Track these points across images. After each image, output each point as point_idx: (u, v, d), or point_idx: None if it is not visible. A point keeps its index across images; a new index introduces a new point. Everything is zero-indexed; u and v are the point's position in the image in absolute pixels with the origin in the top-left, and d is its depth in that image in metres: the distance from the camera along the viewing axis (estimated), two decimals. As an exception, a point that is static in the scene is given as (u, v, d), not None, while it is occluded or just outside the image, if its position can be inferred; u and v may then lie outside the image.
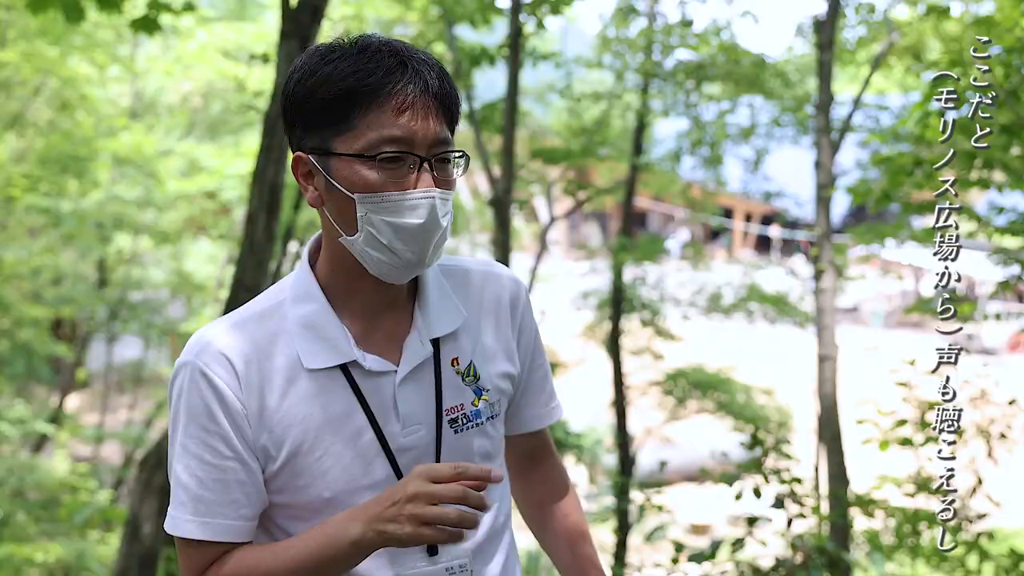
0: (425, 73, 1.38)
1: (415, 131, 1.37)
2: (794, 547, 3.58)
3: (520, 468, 1.74)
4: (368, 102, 1.36)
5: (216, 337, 1.43)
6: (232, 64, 10.80)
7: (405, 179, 1.37)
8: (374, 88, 1.36)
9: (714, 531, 11.72)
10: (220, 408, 1.40)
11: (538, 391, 1.67)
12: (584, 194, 11.27)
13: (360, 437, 1.44)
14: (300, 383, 1.43)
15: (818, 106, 7.49)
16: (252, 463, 1.42)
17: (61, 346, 13.23)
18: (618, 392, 10.62)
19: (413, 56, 1.39)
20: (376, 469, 1.45)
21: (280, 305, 1.47)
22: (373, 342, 1.47)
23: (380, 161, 1.36)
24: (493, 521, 1.56)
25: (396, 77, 1.36)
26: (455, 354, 1.52)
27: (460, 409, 1.50)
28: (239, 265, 4.83)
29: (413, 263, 1.40)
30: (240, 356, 1.42)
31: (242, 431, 1.41)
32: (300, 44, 4.72)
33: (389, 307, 1.49)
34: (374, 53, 1.37)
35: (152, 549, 5.73)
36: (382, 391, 1.45)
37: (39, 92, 11.32)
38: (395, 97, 1.36)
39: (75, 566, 9.36)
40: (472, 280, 1.58)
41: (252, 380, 1.41)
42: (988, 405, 4.37)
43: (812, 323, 9.05)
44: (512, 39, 7.48)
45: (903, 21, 8.85)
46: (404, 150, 1.37)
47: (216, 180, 11.19)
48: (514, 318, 1.60)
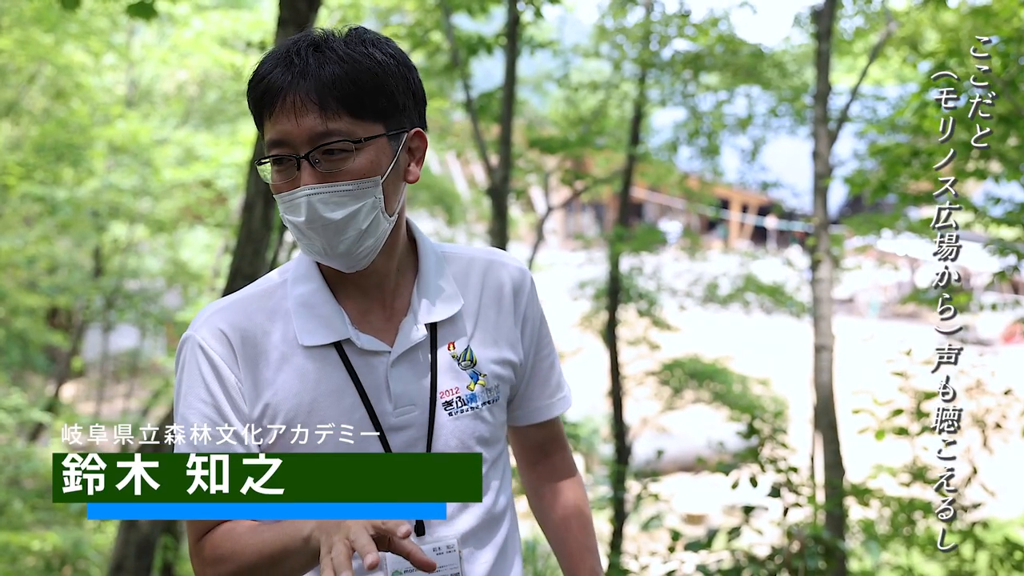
0: (314, 66, 1.38)
1: (289, 131, 1.39)
2: (790, 536, 3.60)
3: (529, 460, 1.75)
4: (263, 106, 1.41)
5: (217, 313, 1.49)
6: (228, 52, 10.76)
7: (292, 178, 1.40)
8: (263, 91, 1.40)
9: (710, 521, 11.77)
10: (216, 380, 1.46)
11: (544, 381, 1.67)
12: (581, 184, 11.27)
13: (352, 414, 1.47)
14: (295, 359, 1.47)
15: (815, 96, 7.49)
16: (245, 434, 1.46)
17: (57, 335, 13.21)
18: (614, 382, 10.64)
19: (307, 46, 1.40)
20: (367, 447, 1.47)
21: (282, 285, 1.53)
22: (369, 323, 1.51)
23: (272, 164, 1.42)
24: (491, 507, 1.57)
25: (275, 75, 1.39)
26: (452, 338, 1.54)
27: (455, 392, 1.52)
28: (236, 253, 4.83)
29: (329, 255, 1.43)
30: (237, 331, 1.47)
31: (236, 403, 1.46)
32: (297, 32, 4.70)
33: (382, 290, 1.52)
34: (279, 51, 1.41)
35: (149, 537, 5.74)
36: (375, 371, 1.49)
37: (34, 80, 11.28)
38: (276, 99, 1.39)
39: (72, 554, 9.37)
40: (475, 268, 1.60)
41: (248, 354, 1.47)
42: (983, 395, 4.38)
43: (808, 313, 9.07)
44: (510, 28, 7.46)
45: (900, 11, 8.85)
46: (283, 153, 1.40)
47: (212, 168, 11.16)
48: (517, 306, 1.61)
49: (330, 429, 1.46)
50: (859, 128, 9.66)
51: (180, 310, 13.37)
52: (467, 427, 1.53)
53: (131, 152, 11.34)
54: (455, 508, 1.53)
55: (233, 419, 1.45)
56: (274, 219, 4.71)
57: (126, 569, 5.67)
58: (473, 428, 1.54)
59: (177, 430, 1.47)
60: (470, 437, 1.53)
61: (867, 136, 9.11)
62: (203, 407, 1.45)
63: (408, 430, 1.49)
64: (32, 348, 12.66)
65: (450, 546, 1.51)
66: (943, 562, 4.52)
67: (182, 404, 1.47)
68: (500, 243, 7.46)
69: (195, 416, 1.45)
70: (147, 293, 13.85)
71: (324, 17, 10.11)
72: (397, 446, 1.48)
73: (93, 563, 9.53)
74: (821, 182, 7.29)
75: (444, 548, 1.51)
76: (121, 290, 13.28)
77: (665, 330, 11.26)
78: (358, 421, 1.47)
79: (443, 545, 1.51)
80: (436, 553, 1.50)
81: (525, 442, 1.72)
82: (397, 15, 10.15)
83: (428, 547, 1.50)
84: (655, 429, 12.26)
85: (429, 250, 1.57)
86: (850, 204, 19.85)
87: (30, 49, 10.15)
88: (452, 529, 1.52)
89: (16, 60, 10.42)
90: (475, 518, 1.55)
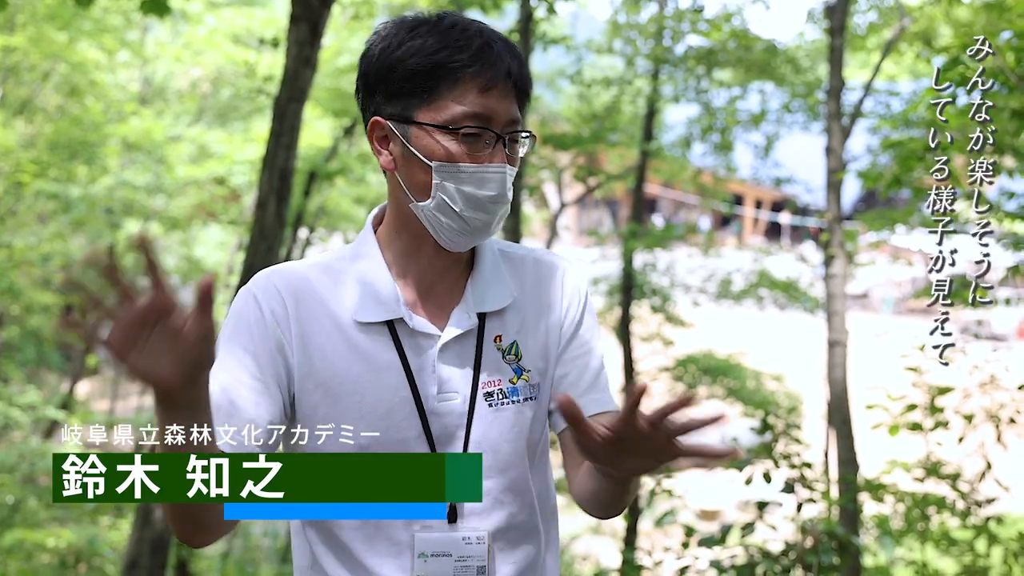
0: (507, 57, 1.47)
1: (495, 110, 1.45)
2: (804, 531, 3.59)
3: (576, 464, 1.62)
4: (456, 77, 1.44)
5: (277, 274, 1.54)
6: (242, 49, 10.79)
7: (481, 153, 1.46)
8: (463, 65, 1.44)
9: (724, 516, 11.75)
10: (260, 333, 1.49)
11: (584, 375, 1.62)
12: (594, 180, 11.26)
13: (396, 393, 1.49)
14: (348, 331, 1.50)
15: (828, 92, 7.46)
16: (277, 388, 1.48)
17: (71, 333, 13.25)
18: (628, 378, 10.63)
19: (498, 39, 1.48)
20: (407, 426, 1.49)
21: (341, 260, 1.56)
22: (422, 307, 1.54)
23: (462, 135, 1.44)
24: (527, 518, 1.56)
25: (484, 57, 1.44)
26: (499, 331, 1.56)
27: (497, 384, 1.53)
28: (249, 251, 4.85)
29: (480, 231, 1.48)
30: (293, 294, 1.51)
31: (275, 355, 1.48)
32: (310, 28, 4.71)
33: (442, 277, 1.55)
34: (462, 31, 1.46)
35: (164, 533, 5.77)
36: (424, 353, 1.51)
37: (48, 78, 11.33)
38: (481, 76, 1.44)
39: (87, 551, 9.43)
40: (529, 266, 1.62)
41: (301, 316, 1.50)
42: (997, 390, 4.36)
43: (822, 309, 9.04)
44: (523, 24, 7.46)
45: (914, 6, 8.80)
46: (484, 126, 1.45)
47: (226, 166, 11.19)
48: (568, 308, 1.62)
49: (373, 403, 1.47)
50: (872, 123, 9.62)
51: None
52: (507, 420, 1.54)
53: (145, 149, 11.38)
54: (490, 502, 1.52)
55: (270, 374, 1.47)
56: (287, 215, 4.73)
57: (141, 566, 5.71)
58: (513, 422, 1.54)
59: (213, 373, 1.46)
60: (509, 430, 1.54)
61: (880, 131, 9.06)
62: (242, 354, 1.48)
63: (449, 416, 1.51)
64: (46, 346, 12.73)
65: (480, 537, 1.51)
66: (957, 557, 4.50)
67: (223, 347, 1.48)
68: (514, 239, 7.47)
69: (234, 360, 1.47)
70: (161, 290, 13.86)
71: (337, 14, 10.13)
72: (437, 430, 1.50)
73: (108, 560, 9.58)
74: (834, 177, 7.27)
75: (474, 539, 1.51)
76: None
77: (679, 326, 11.25)
78: (401, 400, 1.49)
79: (473, 536, 1.51)
80: (466, 543, 1.50)
81: (569, 447, 1.60)
82: (410, 11, 10.15)
83: (458, 535, 1.50)
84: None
85: (488, 243, 1.59)
86: (864, 199, 19.77)
87: (44, 47, 10.19)
88: (485, 523, 1.52)
89: (30, 58, 10.46)
90: (508, 517, 1.54)
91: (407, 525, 1.50)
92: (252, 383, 1.47)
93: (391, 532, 1.49)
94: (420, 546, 1.49)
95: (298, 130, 4.85)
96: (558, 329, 1.61)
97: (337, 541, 1.51)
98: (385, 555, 1.50)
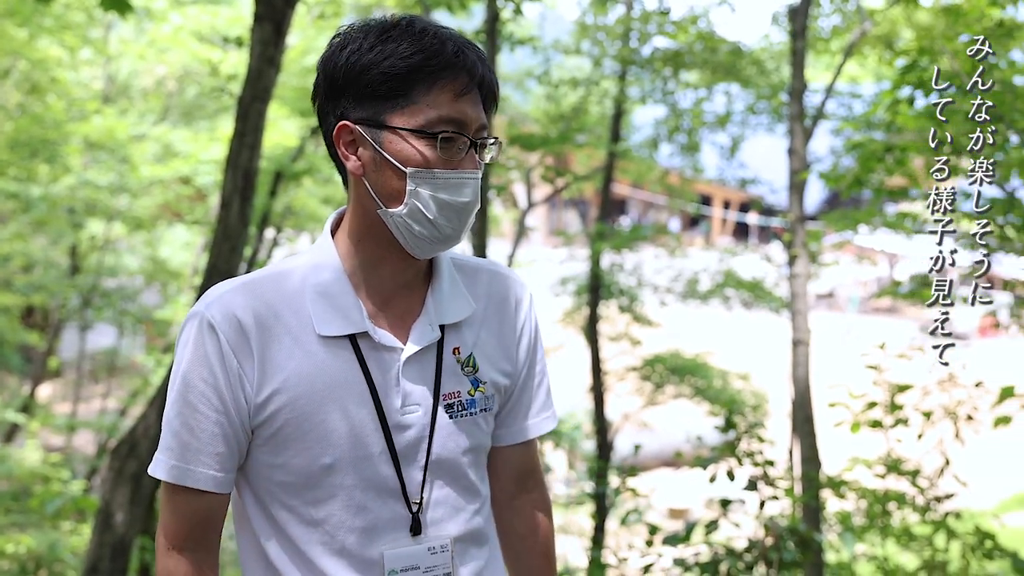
0: (479, 64, 1.46)
1: (468, 115, 1.45)
2: (767, 528, 3.63)
3: (508, 494, 1.71)
4: (431, 82, 1.42)
5: (229, 293, 1.47)
6: (208, 48, 10.68)
7: (455, 158, 1.45)
8: (438, 69, 1.42)
9: (691, 515, 11.82)
10: (220, 362, 1.44)
11: (533, 398, 1.68)
12: (562, 181, 11.27)
13: (360, 408, 1.48)
14: (309, 346, 1.47)
15: (791, 93, 7.53)
16: (239, 422, 1.46)
17: (32, 334, 13.08)
18: (596, 378, 10.67)
19: (469, 46, 1.47)
20: (372, 442, 1.48)
21: (297, 269, 1.52)
22: (383, 320, 1.52)
23: (440, 140, 1.43)
24: (482, 525, 1.60)
25: (457, 63, 1.44)
26: (457, 343, 1.56)
27: (457, 396, 1.54)
28: (212, 251, 4.81)
29: (450, 238, 1.47)
30: (249, 313, 1.46)
31: (236, 388, 1.45)
32: (274, 28, 4.68)
33: (404, 288, 1.54)
34: (435, 36, 1.45)
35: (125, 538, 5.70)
36: (387, 366, 1.50)
37: (8, 75, 11.15)
38: (456, 81, 1.43)
39: (47, 557, 9.27)
40: (481, 277, 1.63)
41: (259, 337, 1.45)
42: (956, 388, 4.43)
43: (787, 308, 9.13)
44: (489, 24, 7.46)
45: (876, 9, 8.91)
46: (458, 131, 1.44)
47: (191, 165, 11.08)
48: (517, 320, 1.64)
49: (337, 420, 1.46)
50: (835, 125, 9.72)
51: (158, 308, 13.28)
52: (465, 430, 1.55)
53: (108, 148, 11.24)
54: (448, 510, 1.54)
55: (230, 404, 1.45)
56: (251, 216, 4.69)
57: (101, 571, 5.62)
58: (469, 433, 1.56)
59: (172, 407, 1.47)
60: (467, 440, 1.55)
61: (843, 133, 9.16)
62: (204, 387, 1.44)
63: (411, 429, 1.51)
64: (7, 348, 12.54)
65: (444, 545, 1.53)
66: (917, 552, 4.56)
67: (181, 382, 1.45)
68: (480, 240, 7.46)
69: (195, 395, 1.45)
70: (125, 291, 13.72)
71: (302, 13, 10.07)
72: (400, 445, 1.50)
73: (69, 566, 9.44)
74: (797, 178, 7.34)
75: (439, 547, 1.52)
76: (98, 288, 13.16)
77: (646, 326, 11.30)
78: (365, 415, 1.47)
79: (438, 544, 1.52)
80: (431, 553, 1.52)
81: (505, 469, 1.69)
82: (377, 11, 10.12)
83: (423, 546, 1.51)
84: (636, 424, 12.30)
85: (444, 255, 1.59)
86: (828, 200, 19.98)
87: (3, 43, 10.03)
88: (447, 530, 1.54)
89: (-10, 55, 10.30)
90: (465, 523, 1.56)
91: (373, 545, 1.49)
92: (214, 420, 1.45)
93: (361, 552, 1.49)
94: (390, 563, 1.49)
95: (262, 130, 4.82)
96: (514, 348, 1.63)
97: (305, 560, 1.49)
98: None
